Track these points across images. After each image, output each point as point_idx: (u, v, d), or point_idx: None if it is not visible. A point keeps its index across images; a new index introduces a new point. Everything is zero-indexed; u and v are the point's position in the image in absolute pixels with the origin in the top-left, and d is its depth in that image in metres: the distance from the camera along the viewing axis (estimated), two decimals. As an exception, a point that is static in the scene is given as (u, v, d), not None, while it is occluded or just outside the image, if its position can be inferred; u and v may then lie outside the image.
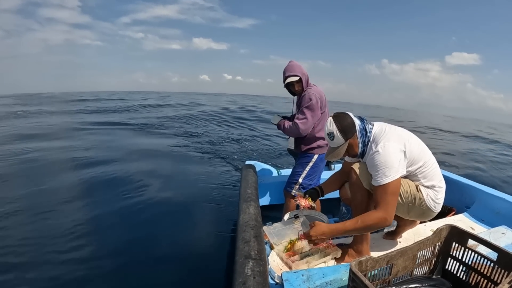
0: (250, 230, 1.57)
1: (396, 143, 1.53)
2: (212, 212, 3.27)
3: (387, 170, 1.46)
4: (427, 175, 1.62)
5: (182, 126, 10.59)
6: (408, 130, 1.69)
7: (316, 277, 1.28)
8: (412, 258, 1.16)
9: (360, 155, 1.65)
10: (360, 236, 1.69)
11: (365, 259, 0.99)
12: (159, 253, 2.46)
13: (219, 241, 2.53)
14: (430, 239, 1.21)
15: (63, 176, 4.37)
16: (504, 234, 1.84)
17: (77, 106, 18.52)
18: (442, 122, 27.79)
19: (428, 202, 1.62)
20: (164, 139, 8.02)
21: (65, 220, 2.94)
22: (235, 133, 9.84)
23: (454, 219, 2.30)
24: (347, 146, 1.63)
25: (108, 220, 3.03)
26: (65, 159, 5.28)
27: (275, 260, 1.62)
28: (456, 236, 1.25)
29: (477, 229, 2.12)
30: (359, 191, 1.62)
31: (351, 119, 1.62)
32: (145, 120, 11.78)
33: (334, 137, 1.60)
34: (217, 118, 13.50)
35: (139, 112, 15.81)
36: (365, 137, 1.61)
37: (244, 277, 1.19)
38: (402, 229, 1.94)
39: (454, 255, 1.26)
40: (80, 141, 6.98)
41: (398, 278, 1.16)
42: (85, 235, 2.68)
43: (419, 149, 1.61)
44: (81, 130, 8.87)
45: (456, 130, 18.51)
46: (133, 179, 4.23)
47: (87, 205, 3.38)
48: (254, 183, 2.38)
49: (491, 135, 16.82)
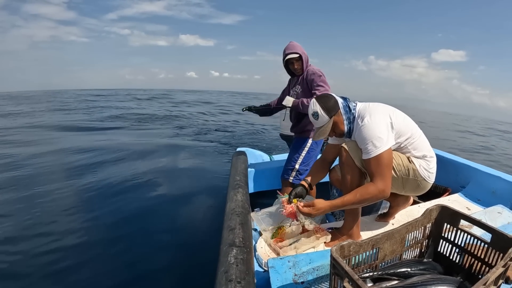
0: (236, 218, 1.54)
1: (382, 115, 1.53)
2: (203, 201, 3.26)
3: (377, 141, 1.44)
4: (416, 146, 1.61)
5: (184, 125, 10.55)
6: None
7: (302, 263, 1.25)
8: (400, 241, 1.11)
9: (347, 133, 1.63)
10: (351, 220, 1.65)
11: (347, 243, 0.94)
12: (146, 244, 2.48)
13: (208, 230, 2.51)
14: (419, 220, 1.16)
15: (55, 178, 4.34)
16: (500, 214, 1.81)
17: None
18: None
19: (422, 172, 1.61)
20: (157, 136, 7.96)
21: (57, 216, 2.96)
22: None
23: (449, 199, 2.26)
24: (332, 124, 1.60)
25: (100, 214, 3.04)
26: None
27: (263, 247, 1.58)
28: (448, 217, 1.20)
29: (473, 209, 2.09)
30: (350, 170, 1.58)
31: (333, 98, 1.62)
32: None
33: (318, 116, 1.59)
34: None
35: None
36: (350, 113, 1.60)
37: (227, 265, 1.15)
38: (395, 209, 1.90)
39: (446, 237, 1.20)
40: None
41: (386, 262, 1.11)
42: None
43: (405, 121, 1.60)
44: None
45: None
46: (125, 174, 4.23)
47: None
48: (243, 170, 2.36)
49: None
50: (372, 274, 1.03)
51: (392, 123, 1.52)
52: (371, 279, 1.04)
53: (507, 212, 1.83)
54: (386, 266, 1.10)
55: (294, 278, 1.17)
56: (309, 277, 1.18)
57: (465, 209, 2.09)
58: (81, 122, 10.60)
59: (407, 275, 1.04)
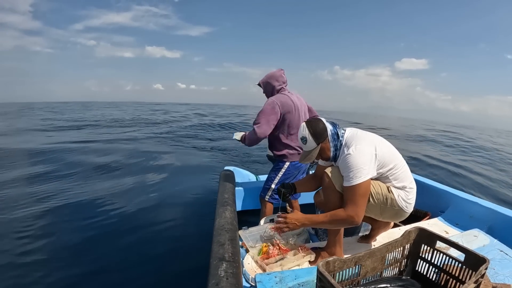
0: (225, 234, 1.58)
1: (367, 146, 1.59)
2: (191, 217, 3.28)
3: (358, 172, 1.51)
4: (398, 177, 1.67)
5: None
6: (379, 135, 1.76)
7: (288, 278, 1.30)
8: (380, 259, 1.19)
9: (333, 158, 1.70)
10: (334, 240, 1.72)
11: (332, 259, 1.01)
12: (136, 255, 2.49)
13: (197, 244, 2.55)
14: (399, 241, 1.24)
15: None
16: (476, 237, 1.89)
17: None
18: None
19: (399, 202, 1.67)
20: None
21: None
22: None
23: (428, 223, 2.35)
24: (319, 150, 1.68)
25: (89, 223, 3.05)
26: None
27: (250, 263, 1.63)
28: (425, 238, 1.29)
29: (451, 232, 2.17)
30: (332, 194, 1.65)
31: (323, 124, 1.69)
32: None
33: (306, 141, 1.67)
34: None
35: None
36: (337, 141, 1.67)
37: (218, 278, 1.20)
38: (376, 232, 1.98)
39: (424, 257, 1.29)
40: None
41: (368, 278, 1.18)
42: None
43: (389, 152, 1.67)
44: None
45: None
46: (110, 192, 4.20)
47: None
48: (231, 188, 2.41)
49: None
50: (355, 289, 1.09)
51: (376, 155, 1.59)
52: (354, 294, 1.11)
53: (483, 235, 1.91)
54: (368, 282, 1.17)
55: (281, 292, 1.23)
56: (295, 292, 1.24)
57: (444, 232, 2.17)
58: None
59: (386, 291, 1.11)
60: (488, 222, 2.16)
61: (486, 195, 4.87)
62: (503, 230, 2.03)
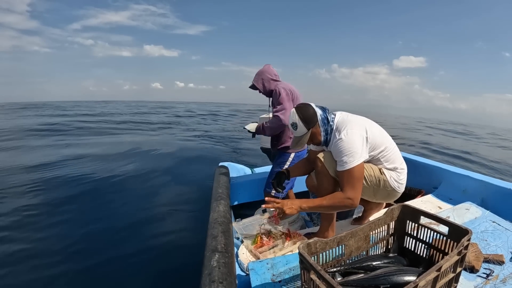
0: (218, 227, 1.63)
1: (358, 130, 1.61)
2: (187, 211, 3.38)
3: (351, 156, 1.54)
4: (388, 159, 1.71)
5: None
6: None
7: (280, 264, 1.35)
8: (364, 238, 1.22)
9: (324, 143, 1.73)
10: (326, 224, 1.77)
11: (313, 241, 1.05)
12: (133, 248, 2.57)
13: (192, 238, 2.63)
14: (382, 219, 1.28)
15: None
16: (468, 210, 1.91)
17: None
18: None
19: (392, 183, 1.71)
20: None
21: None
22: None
23: (422, 200, 2.38)
24: (310, 135, 1.70)
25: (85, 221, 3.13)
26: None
27: (244, 252, 1.68)
28: (409, 214, 1.31)
29: (444, 207, 2.19)
30: (325, 179, 1.68)
31: (313, 109, 1.70)
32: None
33: (297, 127, 1.69)
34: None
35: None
36: (328, 126, 1.69)
37: (210, 268, 1.25)
38: (369, 213, 2.03)
39: (410, 233, 1.32)
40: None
41: (353, 258, 1.22)
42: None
43: (380, 134, 1.71)
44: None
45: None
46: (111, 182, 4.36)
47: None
48: (225, 183, 2.45)
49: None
50: (339, 268, 1.13)
51: (367, 138, 1.62)
52: (340, 273, 1.15)
53: (475, 208, 1.93)
54: (353, 261, 1.21)
55: (272, 278, 1.27)
56: (286, 276, 1.28)
57: (437, 208, 2.20)
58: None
59: (372, 268, 1.14)
60: (481, 195, 2.19)
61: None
62: (495, 201, 2.06)
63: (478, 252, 1.41)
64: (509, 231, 1.63)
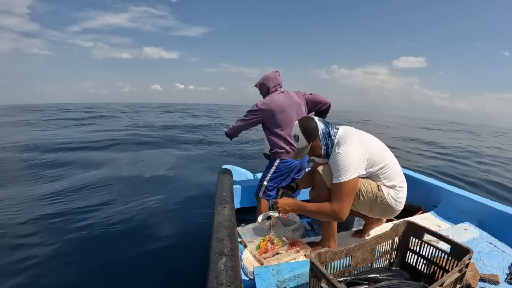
0: (224, 230, 1.64)
1: (356, 145, 1.65)
2: (191, 214, 3.35)
3: (344, 170, 1.58)
4: (388, 176, 1.74)
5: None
6: (370, 134, 1.82)
7: (285, 271, 1.38)
8: (370, 251, 1.26)
9: (325, 156, 1.77)
10: (328, 234, 1.80)
11: (324, 251, 1.08)
12: (138, 250, 2.56)
13: (197, 241, 2.63)
14: (388, 233, 1.32)
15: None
16: (466, 230, 1.95)
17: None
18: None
19: (389, 201, 1.73)
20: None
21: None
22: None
23: (421, 217, 2.41)
24: (310, 147, 1.76)
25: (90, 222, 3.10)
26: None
27: (248, 257, 1.71)
28: (413, 231, 1.36)
29: (443, 226, 2.23)
30: (322, 190, 1.73)
31: (315, 123, 1.75)
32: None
33: (299, 139, 1.76)
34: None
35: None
36: (329, 140, 1.73)
37: (217, 271, 1.26)
38: (369, 227, 2.06)
39: (413, 249, 1.36)
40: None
41: (359, 269, 1.26)
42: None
43: (380, 152, 1.73)
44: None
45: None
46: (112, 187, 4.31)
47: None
48: (229, 186, 2.47)
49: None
50: (346, 278, 1.16)
51: (365, 154, 1.65)
52: (345, 283, 1.18)
53: (473, 228, 1.97)
54: (359, 272, 1.24)
55: (277, 284, 1.30)
56: (291, 283, 1.31)
57: (436, 226, 2.24)
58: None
59: (376, 280, 1.18)
60: (478, 216, 2.22)
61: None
62: (492, 223, 2.10)
63: (475, 271, 1.45)
64: (504, 253, 1.67)
